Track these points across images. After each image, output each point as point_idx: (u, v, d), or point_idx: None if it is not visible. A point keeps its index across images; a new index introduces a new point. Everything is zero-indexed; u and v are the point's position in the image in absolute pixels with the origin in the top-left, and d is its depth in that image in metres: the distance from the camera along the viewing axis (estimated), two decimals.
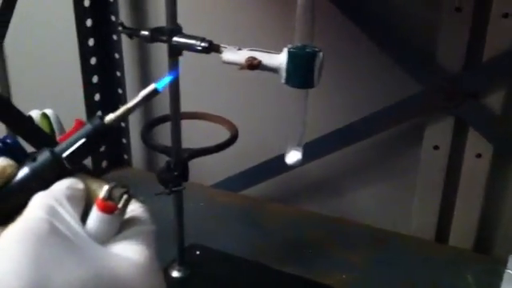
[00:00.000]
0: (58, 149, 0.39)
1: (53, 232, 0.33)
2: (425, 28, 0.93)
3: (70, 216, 0.36)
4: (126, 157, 1.23)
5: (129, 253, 0.36)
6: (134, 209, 0.39)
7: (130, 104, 0.40)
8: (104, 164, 1.21)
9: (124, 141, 1.21)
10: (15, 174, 0.38)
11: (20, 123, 1.02)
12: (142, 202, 0.40)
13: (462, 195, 0.97)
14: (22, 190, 0.38)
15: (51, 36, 1.24)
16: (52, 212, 0.35)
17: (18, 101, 1.01)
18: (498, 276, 0.76)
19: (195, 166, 0.84)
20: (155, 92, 0.40)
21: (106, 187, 0.37)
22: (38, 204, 0.35)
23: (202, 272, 0.86)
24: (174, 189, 0.77)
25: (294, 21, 0.61)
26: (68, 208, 0.36)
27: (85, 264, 0.33)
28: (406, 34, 0.93)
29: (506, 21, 0.85)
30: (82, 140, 0.38)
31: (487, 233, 0.99)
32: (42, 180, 0.38)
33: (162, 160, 1.23)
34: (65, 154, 0.38)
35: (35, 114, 1.18)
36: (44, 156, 0.38)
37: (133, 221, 0.38)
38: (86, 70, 1.11)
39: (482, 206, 0.96)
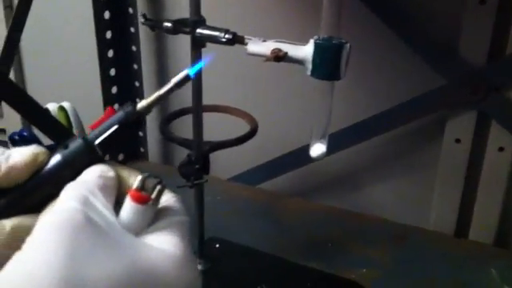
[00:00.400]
0: (90, 136, 0.38)
1: (87, 223, 0.33)
2: (448, 20, 0.92)
3: (103, 206, 0.35)
4: (142, 150, 1.23)
5: (164, 244, 0.35)
6: (167, 199, 0.39)
7: (162, 91, 0.39)
8: (120, 157, 1.20)
9: (140, 134, 1.21)
10: (47, 162, 0.38)
11: (37, 115, 1.02)
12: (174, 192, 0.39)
13: (483, 189, 0.96)
14: (53, 177, 0.38)
15: (68, 29, 1.24)
16: (86, 202, 0.34)
17: (35, 94, 1.01)
18: None
19: (212, 159, 0.84)
20: (187, 78, 0.39)
21: (139, 177, 0.36)
22: (72, 194, 0.35)
23: (222, 265, 0.85)
24: (195, 182, 0.76)
25: (318, 13, 0.60)
26: (101, 198, 0.36)
27: (120, 255, 0.33)
28: (429, 26, 0.92)
29: None
30: (115, 127, 0.38)
31: (508, 227, 0.99)
32: (73, 168, 0.38)
33: (178, 153, 1.23)
34: (97, 141, 0.38)
35: (52, 106, 1.18)
36: (76, 143, 0.38)
37: (166, 211, 0.38)
38: (104, 63, 1.11)
39: (503, 200, 0.95)
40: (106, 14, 1.08)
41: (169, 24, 0.70)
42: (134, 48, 1.13)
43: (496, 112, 0.91)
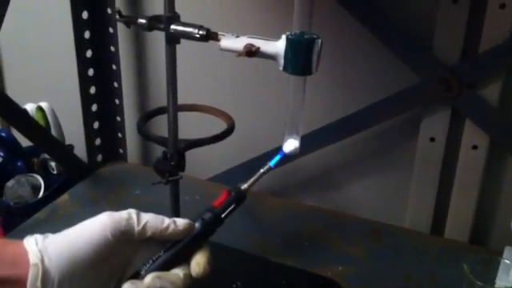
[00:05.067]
0: (218, 211, 0.60)
1: None
2: (423, 19, 0.93)
3: None
4: (121, 151, 1.22)
5: None
6: None
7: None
8: (99, 158, 1.20)
9: (119, 135, 1.21)
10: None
11: (15, 116, 1.02)
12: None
13: (457, 187, 0.98)
14: (196, 240, 0.58)
15: (47, 30, 1.24)
16: None
17: (13, 95, 1.00)
18: (495, 266, 0.76)
19: (192, 159, 0.84)
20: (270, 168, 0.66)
21: None
22: None
23: None
24: (170, 178, 0.77)
25: (291, 9, 0.61)
26: None
27: None
28: (404, 24, 0.93)
29: (502, 12, 0.85)
30: (233, 205, 0.62)
31: (483, 225, 1.00)
32: (209, 234, 0.59)
33: (157, 154, 1.23)
34: (223, 215, 0.60)
35: (30, 107, 1.18)
36: (210, 217, 0.59)
37: None
38: (82, 63, 1.10)
39: (477, 197, 0.97)
40: (85, 14, 1.08)
41: (143, 20, 0.70)
42: (112, 48, 1.12)
43: (469, 110, 0.92)
